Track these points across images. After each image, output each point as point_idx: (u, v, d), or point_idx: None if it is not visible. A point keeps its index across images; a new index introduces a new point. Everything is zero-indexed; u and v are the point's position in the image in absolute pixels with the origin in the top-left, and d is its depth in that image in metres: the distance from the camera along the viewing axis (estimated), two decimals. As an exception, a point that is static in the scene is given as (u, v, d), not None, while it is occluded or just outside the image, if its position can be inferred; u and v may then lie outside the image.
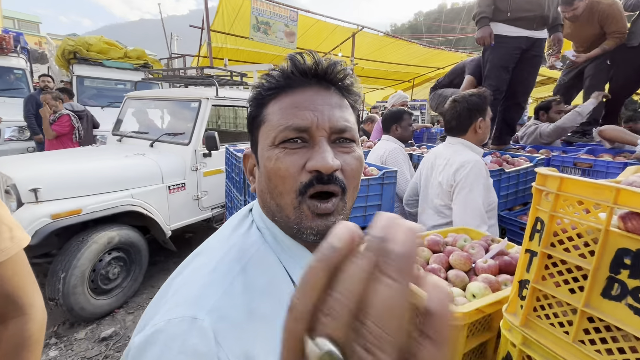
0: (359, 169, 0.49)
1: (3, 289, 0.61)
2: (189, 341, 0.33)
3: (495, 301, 0.76)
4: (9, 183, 2.21)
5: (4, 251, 0.59)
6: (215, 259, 0.43)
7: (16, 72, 5.77)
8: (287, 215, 0.45)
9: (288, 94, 0.47)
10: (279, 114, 0.46)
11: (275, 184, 0.45)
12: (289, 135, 0.45)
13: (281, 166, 0.44)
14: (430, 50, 9.11)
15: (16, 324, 0.63)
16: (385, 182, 1.57)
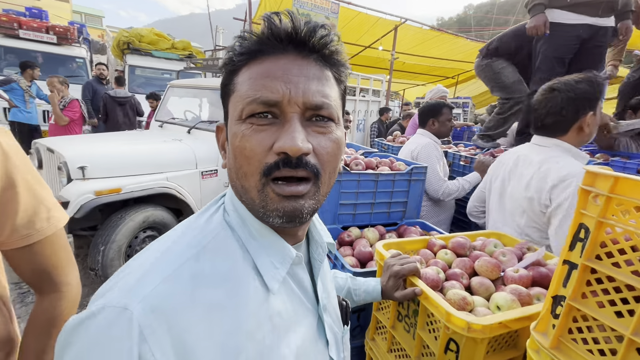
0: (336, 152, 0.43)
1: (39, 265, 0.62)
2: (111, 334, 0.31)
3: (523, 316, 0.67)
4: (62, 160, 2.41)
5: (39, 231, 0.60)
6: (169, 243, 0.40)
7: (78, 61, 6.31)
8: (252, 198, 0.41)
9: (261, 61, 0.41)
10: (247, 83, 0.40)
11: (240, 164, 0.40)
12: (257, 109, 0.39)
13: (247, 145, 0.39)
14: (478, 45, 8.54)
15: (50, 300, 0.64)
16: (414, 178, 1.48)
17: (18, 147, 0.59)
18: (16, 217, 0.57)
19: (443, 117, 2.03)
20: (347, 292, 0.81)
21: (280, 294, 0.43)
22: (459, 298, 0.73)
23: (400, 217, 1.52)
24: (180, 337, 0.33)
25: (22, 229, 0.58)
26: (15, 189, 0.56)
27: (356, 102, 5.59)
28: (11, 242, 0.58)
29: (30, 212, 0.59)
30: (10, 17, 5.87)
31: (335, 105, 0.43)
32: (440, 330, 0.70)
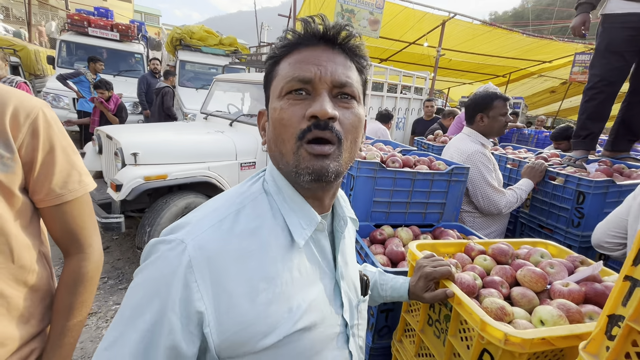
0: (357, 124, 0.51)
1: (68, 225, 0.69)
2: (170, 254, 0.43)
3: (571, 334, 0.61)
4: (118, 147, 2.63)
5: (72, 192, 0.67)
6: (220, 201, 0.51)
7: (136, 56, 6.84)
8: (287, 161, 0.49)
9: (298, 51, 0.50)
10: (287, 67, 0.49)
11: (279, 132, 0.49)
12: (294, 86, 0.48)
13: (284, 115, 0.48)
14: (535, 41, 7.90)
15: (77, 260, 0.71)
16: (454, 179, 1.40)
17: (57, 117, 0.68)
18: (53, 178, 0.65)
19: (495, 112, 1.65)
20: (374, 285, 0.82)
21: (302, 253, 0.51)
22: (496, 307, 0.68)
23: (436, 219, 1.45)
24: (216, 271, 0.44)
25: (57, 188, 0.66)
26: (54, 152, 0.65)
27: (397, 99, 5.44)
28: (47, 200, 0.65)
29: (64, 174, 0.67)
30: (82, 17, 6.50)
31: (357, 87, 0.51)
32: (474, 339, 0.66)
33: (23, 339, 0.65)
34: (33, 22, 11.67)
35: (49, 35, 10.62)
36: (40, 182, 0.64)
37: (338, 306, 0.56)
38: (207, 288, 0.43)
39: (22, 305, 0.65)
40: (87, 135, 4.82)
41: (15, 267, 0.63)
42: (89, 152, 3.23)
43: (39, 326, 0.69)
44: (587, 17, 1.85)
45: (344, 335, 0.56)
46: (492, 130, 1.69)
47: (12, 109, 0.60)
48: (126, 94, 5.80)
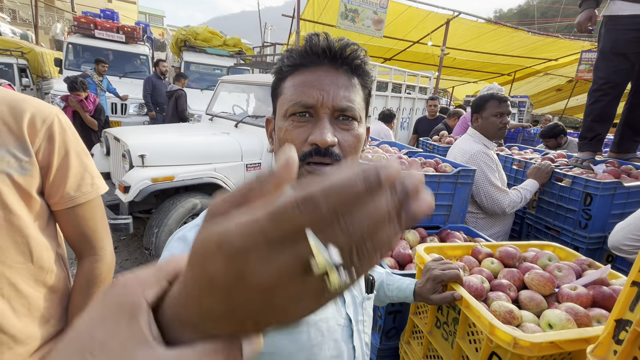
0: (356, 145, 0.53)
1: (81, 228, 0.71)
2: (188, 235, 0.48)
3: (580, 337, 0.62)
4: (125, 149, 2.66)
5: (85, 194, 0.70)
6: None
7: (142, 58, 6.89)
8: None
9: (302, 72, 0.53)
10: (292, 89, 0.52)
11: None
12: (297, 109, 0.51)
13: (288, 137, 0.51)
14: (540, 39, 7.85)
15: (90, 262, 0.73)
16: (460, 181, 1.41)
17: (70, 123, 0.71)
18: (67, 181, 0.67)
19: (487, 112, 1.66)
20: (380, 285, 0.84)
21: None
22: (505, 310, 0.69)
23: (443, 221, 1.46)
24: None
25: (72, 191, 0.68)
26: (69, 156, 0.67)
27: (401, 99, 5.43)
28: (62, 202, 0.68)
29: (78, 177, 0.69)
30: (88, 19, 6.57)
31: (359, 108, 0.54)
32: (483, 342, 0.67)
33: (44, 338, 0.68)
34: (40, 25, 11.81)
35: (53, 37, 10.74)
36: (55, 185, 0.67)
37: (340, 302, 0.58)
38: None
39: (42, 305, 0.68)
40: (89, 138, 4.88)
41: (35, 267, 0.66)
42: (97, 153, 3.27)
43: (58, 326, 0.71)
44: (592, 13, 1.84)
45: (348, 329, 0.58)
46: (487, 132, 1.69)
47: (30, 115, 0.62)
48: (132, 95, 5.86)
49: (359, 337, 0.61)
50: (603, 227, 1.48)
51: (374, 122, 4.42)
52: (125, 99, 5.62)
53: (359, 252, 0.15)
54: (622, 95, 1.85)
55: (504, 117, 1.66)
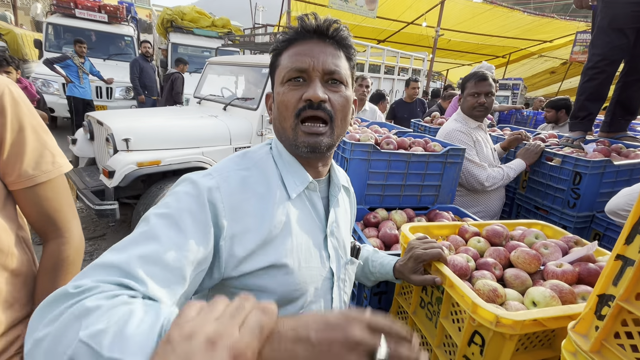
0: (345, 104, 0.61)
1: (44, 208, 0.67)
2: (200, 181, 0.54)
3: (563, 315, 0.61)
4: (109, 132, 2.57)
5: (45, 173, 0.65)
6: (239, 155, 0.64)
7: (126, 39, 6.64)
8: (288, 136, 0.61)
9: (295, 45, 0.61)
10: (287, 59, 0.60)
11: (281, 111, 0.61)
12: (292, 74, 0.59)
13: (285, 98, 0.59)
14: (536, 19, 7.73)
15: (56, 244, 0.69)
16: (449, 160, 1.38)
17: (24, 96, 0.65)
18: (24, 158, 0.62)
19: (466, 92, 1.66)
20: (366, 260, 0.88)
21: (295, 203, 0.63)
22: (488, 289, 0.68)
23: (432, 202, 1.44)
24: (236, 200, 0.55)
25: (30, 169, 0.63)
26: (24, 132, 0.62)
27: (394, 81, 5.34)
28: (20, 182, 0.63)
29: (36, 154, 0.64)
30: (68, -3, 6.26)
31: (345, 73, 0.61)
32: (465, 321, 0.65)
33: (8, 323, 0.65)
34: (19, 5, 11.25)
35: (34, 17, 10.27)
36: (11, 163, 0.62)
37: (325, 257, 0.66)
38: (228, 209, 0.54)
39: (5, 289, 0.64)
40: (78, 123, 4.74)
41: None
42: (80, 138, 3.17)
43: (23, 311, 0.68)
44: None
45: (329, 281, 0.67)
46: (465, 111, 1.69)
47: None
48: (117, 78, 5.67)
49: (338, 292, 0.69)
50: (591, 206, 1.48)
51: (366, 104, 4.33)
52: (110, 82, 5.44)
53: None
54: (615, 73, 1.81)
55: (479, 97, 1.61)
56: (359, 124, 2.05)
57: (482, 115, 1.68)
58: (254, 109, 3.14)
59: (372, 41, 9.10)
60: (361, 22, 7.69)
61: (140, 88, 5.34)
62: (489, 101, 1.62)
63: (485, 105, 1.63)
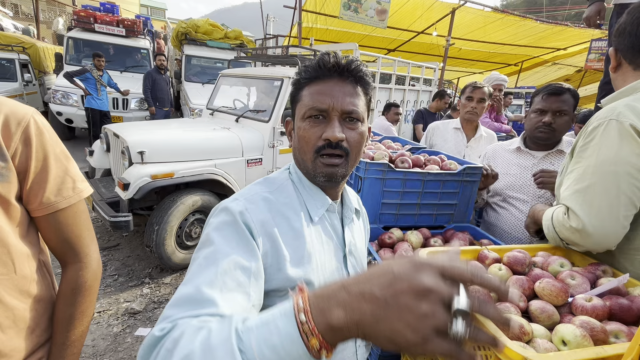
0: (360, 140, 0.67)
1: (63, 234, 0.68)
2: (231, 207, 0.59)
3: (597, 358, 0.57)
4: (125, 145, 2.63)
5: (66, 199, 0.66)
6: (260, 181, 0.69)
7: (142, 52, 6.83)
8: (307, 166, 0.67)
9: (317, 83, 0.65)
10: (308, 97, 0.65)
11: (302, 145, 0.66)
12: (313, 113, 0.64)
13: (306, 134, 0.65)
14: (549, 27, 7.63)
15: (74, 270, 0.70)
16: (466, 179, 1.35)
17: (48, 125, 0.67)
18: (47, 186, 0.64)
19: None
20: None
21: (318, 227, 0.68)
22: (515, 325, 0.64)
23: (447, 221, 1.41)
24: (266, 221, 0.60)
25: (52, 196, 0.65)
26: (47, 160, 0.64)
27: (405, 91, 5.32)
28: (42, 208, 0.64)
29: (58, 181, 0.66)
30: (88, 12, 6.50)
31: (362, 111, 0.66)
32: (491, 358, 0.62)
33: (28, 350, 0.65)
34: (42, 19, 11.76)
35: (55, 31, 10.69)
36: (34, 190, 0.63)
37: (345, 275, 0.70)
38: (260, 228, 0.58)
39: (28, 316, 0.65)
40: (95, 133, 4.86)
41: (18, 277, 0.63)
42: (97, 150, 3.25)
43: (44, 336, 0.69)
44: (601, 6, 1.76)
45: (344, 261, 0.72)
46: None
47: (3, 118, 0.59)
48: (133, 90, 5.82)
49: (352, 267, 0.73)
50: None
51: (377, 117, 4.32)
52: (127, 93, 5.59)
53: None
54: None
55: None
56: (372, 139, 2.04)
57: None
58: (266, 121, 3.17)
59: (382, 51, 9.14)
60: (371, 32, 7.74)
61: (152, 100, 5.47)
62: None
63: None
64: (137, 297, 2.46)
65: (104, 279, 2.64)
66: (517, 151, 1.49)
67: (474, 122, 2.00)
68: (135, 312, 2.29)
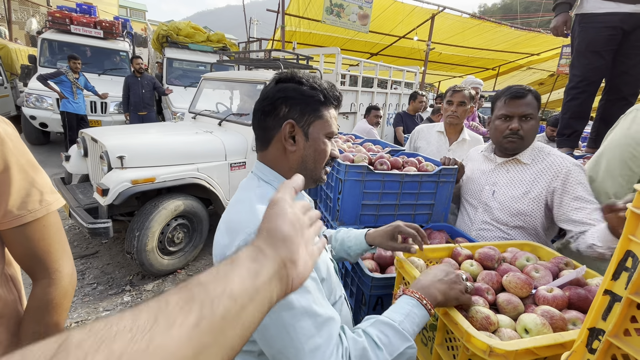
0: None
1: (30, 248, 0.64)
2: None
3: (555, 343, 0.61)
4: (103, 150, 2.57)
5: (32, 212, 0.62)
6: (249, 201, 0.71)
7: (121, 54, 6.68)
8: (317, 173, 0.79)
9: (333, 108, 0.80)
10: (331, 120, 0.78)
11: (321, 157, 0.78)
12: (331, 135, 0.79)
13: (327, 150, 0.78)
14: (523, 34, 7.96)
15: (41, 286, 0.66)
16: (442, 180, 1.40)
17: (15, 133, 0.63)
18: (9, 198, 0.60)
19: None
20: (342, 240, 1.02)
21: None
22: (482, 317, 0.68)
23: (425, 220, 1.46)
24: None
25: (15, 209, 0.61)
26: (9, 171, 0.60)
27: (387, 95, 5.43)
28: (5, 222, 0.61)
29: (23, 193, 0.62)
30: (63, 14, 6.30)
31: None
32: (460, 349, 0.66)
33: None
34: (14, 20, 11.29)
35: (29, 33, 10.30)
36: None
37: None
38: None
39: None
40: (72, 138, 4.71)
41: None
42: (74, 155, 3.15)
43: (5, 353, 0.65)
44: (567, 17, 1.87)
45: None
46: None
47: None
48: (112, 93, 5.68)
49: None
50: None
51: (359, 120, 4.38)
52: (105, 97, 5.44)
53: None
54: (597, 91, 1.89)
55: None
56: (353, 142, 2.08)
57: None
58: (249, 124, 3.16)
59: (364, 55, 9.27)
60: (354, 36, 7.85)
61: (128, 105, 5.34)
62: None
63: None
64: (117, 306, 2.40)
65: (82, 287, 2.56)
66: (483, 156, 1.46)
67: (457, 126, 2.00)
68: (116, 320, 2.24)
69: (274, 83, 0.78)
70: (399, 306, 0.67)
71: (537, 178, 1.25)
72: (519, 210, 1.25)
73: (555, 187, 1.20)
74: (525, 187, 1.26)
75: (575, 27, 1.87)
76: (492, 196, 1.34)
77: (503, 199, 1.31)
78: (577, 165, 1.22)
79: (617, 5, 1.72)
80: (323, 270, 0.71)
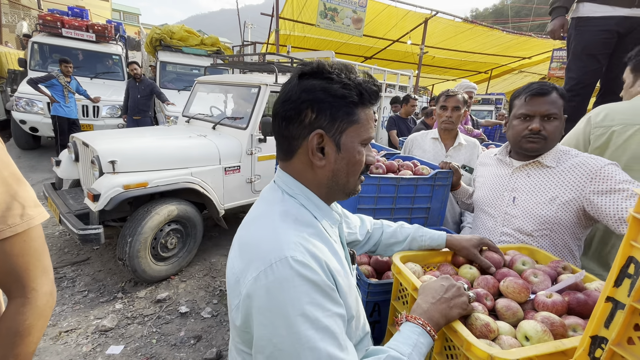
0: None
1: (7, 265, 0.59)
2: (280, 269, 0.55)
3: (556, 351, 0.60)
4: (94, 154, 2.53)
5: (11, 227, 0.58)
6: (271, 220, 0.62)
7: (114, 58, 6.61)
8: (352, 185, 0.69)
9: (368, 108, 0.66)
10: (366, 124, 0.66)
11: (356, 168, 0.67)
12: (367, 141, 0.68)
13: (362, 159, 0.67)
14: (514, 38, 8.07)
15: (15, 305, 0.61)
16: (437, 183, 1.40)
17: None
18: None
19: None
20: (412, 239, 0.97)
21: (339, 244, 0.71)
22: (481, 324, 0.67)
23: (422, 223, 1.44)
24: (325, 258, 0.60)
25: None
26: None
27: (382, 98, 5.45)
28: None
29: (3, 207, 0.58)
30: (55, 17, 6.23)
31: None
32: (459, 358, 0.64)
33: None
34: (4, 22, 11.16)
35: (19, 35, 10.17)
36: None
37: (350, 271, 0.76)
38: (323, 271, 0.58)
39: None
40: (63, 142, 4.64)
41: None
42: (65, 159, 3.10)
43: None
44: (564, 20, 1.89)
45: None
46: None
47: None
48: (104, 97, 5.61)
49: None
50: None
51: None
52: (97, 101, 5.37)
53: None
54: (591, 94, 1.91)
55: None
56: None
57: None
58: (244, 128, 3.14)
59: (359, 58, 9.32)
60: (348, 40, 7.89)
61: (126, 108, 5.32)
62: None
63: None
64: (108, 313, 2.34)
65: (73, 295, 2.50)
66: (497, 160, 1.35)
67: (452, 131, 1.95)
68: (107, 329, 2.18)
69: (296, 79, 0.63)
70: (405, 335, 0.64)
71: (565, 181, 1.09)
72: (546, 218, 1.10)
73: (594, 190, 1.02)
74: (552, 192, 1.11)
75: (572, 30, 1.89)
76: (513, 203, 1.20)
77: (526, 206, 1.16)
78: (611, 163, 1.04)
79: (613, 9, 1.75)
80: (353, 307, 0.64)
